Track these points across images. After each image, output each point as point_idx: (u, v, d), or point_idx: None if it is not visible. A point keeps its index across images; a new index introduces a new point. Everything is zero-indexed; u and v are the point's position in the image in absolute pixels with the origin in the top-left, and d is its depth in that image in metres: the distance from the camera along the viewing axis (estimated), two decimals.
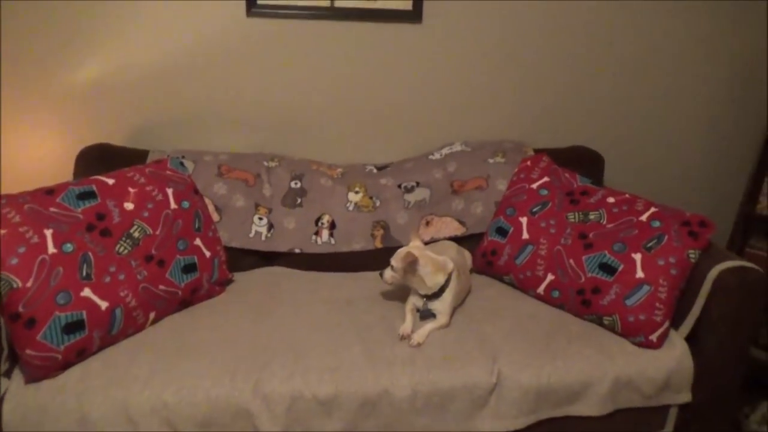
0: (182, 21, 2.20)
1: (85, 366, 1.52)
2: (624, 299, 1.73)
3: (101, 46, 2.19)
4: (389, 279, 1.78)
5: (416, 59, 2.38)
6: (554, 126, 2.55)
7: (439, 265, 1.78)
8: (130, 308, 1.62)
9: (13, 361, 1.52)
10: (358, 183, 2.20)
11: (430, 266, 1.76)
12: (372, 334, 1.71)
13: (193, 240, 1.86)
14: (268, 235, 2.10)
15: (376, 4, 2.29)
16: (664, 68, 2.52)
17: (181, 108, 2.32)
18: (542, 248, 1.95)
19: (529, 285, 1.96)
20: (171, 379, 1.49)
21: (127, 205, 1.74)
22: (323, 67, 2.34)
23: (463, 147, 2.35)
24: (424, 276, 1.75)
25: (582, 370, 1.61)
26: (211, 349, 1.60)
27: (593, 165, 2.36)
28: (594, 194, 2.02)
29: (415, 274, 1.74)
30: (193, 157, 2.13)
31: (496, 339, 1.69)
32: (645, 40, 2.46)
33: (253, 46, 2.28)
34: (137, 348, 1.60)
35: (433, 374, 1.57)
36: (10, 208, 1.53)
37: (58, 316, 1.47)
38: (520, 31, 2.39)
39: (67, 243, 1.56)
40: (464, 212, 2.19)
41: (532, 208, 2.04)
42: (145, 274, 1.69)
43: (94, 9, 2.14)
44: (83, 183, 1.72)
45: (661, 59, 2.50)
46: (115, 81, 2.24)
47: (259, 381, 1.51)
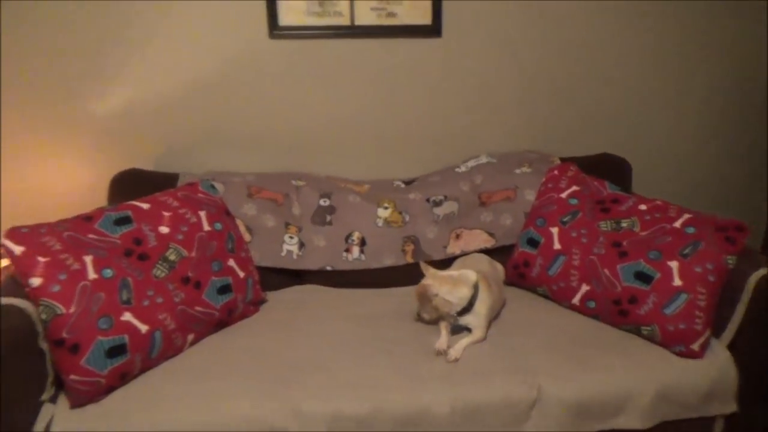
0: (206, 45, 2.24)
1: (128, 389, 1.54)
2: (662, 308, 1.71)
3: (127, 73, 2.24)
4: (426, 317, 1.81)
5: (437, 73, 2.39)
6: (578, 134, 2.54)
7: (457, 281, 1.77)
8: (169, 331, 1.64)
9: (58, 386, 1.54)
10: (386, 198, 2.21)
11: (448, 284, 1.76)
12: (407, 350, 1.70)
13: (226, 261, 1.88)
14: (300, 254, 2.11)
15: (395, 20, 2.31)
16: (690, 71, 2.50)
17: (206, 130, 2.35)
18: (575, 258, 1.93)
19: (563, 296, 1.94)
20: (212, 401, 1.50)
21: (162, 229, 1.77)
22: (346, 85, 2.36)
23: (488, 159, 2.35)
24: (444, 296, 1.75)
25: (623, 382, 1.59)
26: (249, 370, 1.61)
27: (621, 172, 2.34)
28: (625, 202, 2.00)
29: (436, 300, 1.74)
30: (222, 179, 2.15)
31: (533, 352, 1.68)
32: (669, 44, 2.45)
33: (275, 67, 2.31)
34: (177, 370, 1.62)
35: (472, 390, 1.56)
36: (50, 237, 1.56)
37: (101, 341, 1.50)
38: (539, 41, 2.39)
39: (107, 268, 1.58)
40: (493, 224, 2.18)
41: (563, 217, 2.03)
42: (182, 296, 1.71)
43: (118, 37, 2.19)
44: (119, 209, 1.75)
45: (686, 61, 2.49)
46: (141, 106, 2.29)
47: (297, 401, 1.52)
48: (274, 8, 2.22)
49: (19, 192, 2.29)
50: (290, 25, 2.26)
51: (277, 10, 2.23)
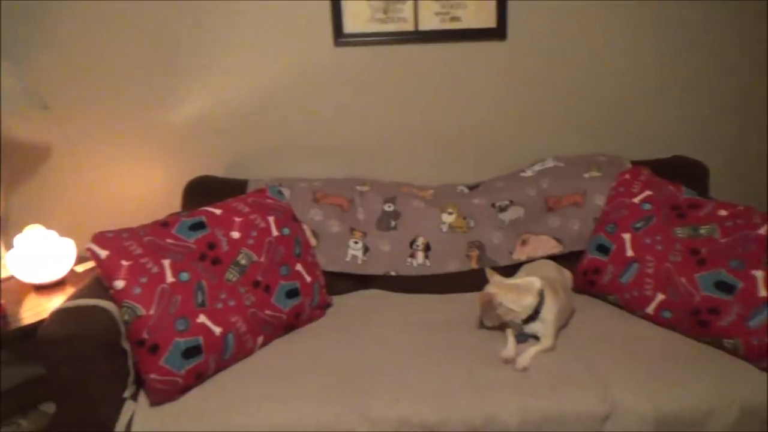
0: (273, 54, 2.30)
1: (203, 389, 1.60)
2: (746, 320, 1.62)
3: (199, 84, 2.32)
4: (487, 322, 1.80)
5: (502, 76, 2.36)
6: (649, 136, 2.45)
7: (521, 289, 1.75)
8: (241, 333, 1.69)
9: (139, 385, 1.61)
10: (451, 204, 2.20)
11: (512, 293, 1.73)
12: (474, 357, 1.68)
13: (294, 265, 1.92)
14: (364, 259, 2.13)
15: (460, 24, 2.29)
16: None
17: (273, 137, 2.41)
18: (649, 266, 1.86)
19: (636, 305, 1.87)
20: (281, 404, 1.53)
21: (234, 234, 1.82)
22: (409, 90, 2.37)
23: (555, 163, 2.29)
24: (508, 305, 1.73)
25: (704, 398, 1.51)
26: (317, 373, 1.64)
27: (697, 176, 2.23)
28: (703, 207, 1.91)
29: (500, 308, 1.73)
30: (289, 185, 2.20)
31: (606, 363, 1.63)
32: (746, 42, 2.32)
33: (340, 74, 2.34)
34: (248, 372, 1.66)
35: (542, 400, 1.52)
36: (132, 242, 1.64)
37: (178, 342, 1.56)
38: (606, 42, 2.32)
39: (184, 272, 1.65)
40: (561, 230, 2.13)
41: (635, 223, 1.95)
42: (252, 299, 1.76)
43: (191, 48, 2.27)
44: (194, 214, 1.82)
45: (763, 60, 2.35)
46: (212, 116, 2.37)
47: (365, 406, 1.53)
48: (339, 16, 2.26)
49: (101, 198, 2.42)
50: (355, 32, 2.28)
51: (342, 18, 2.26)
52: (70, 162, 2.36)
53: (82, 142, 2.35)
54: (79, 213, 2.41)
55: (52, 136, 2.33)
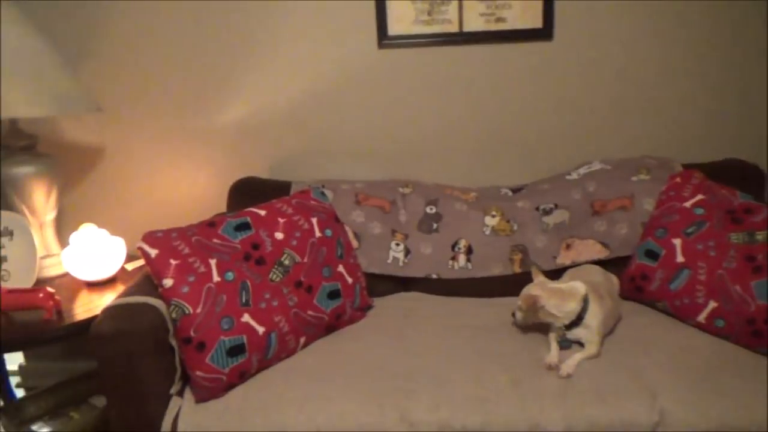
0: (317, 57, 2.33)
1: (246, 388, 1.62)
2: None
3: (245, 88, 2.37)
4: (521, 321, 1.79)
5: (549, 77, 2.32)
6: (701, 138, 2.36)
7: (565, 294, 1.71)
8: (284, 333, 1.71)
9: (185, 381, 1.65)
10: (494, 206, 2.17)
11: (555, 298, 1.70)
12: (516, 363, 1.66)
13: (336, 267, 1.93)
14: (405, 261, 2.13)
15: (505, 24, 2.27)
16: None
17: (317, 139, 2.43)
18: (701, 272, 1.79)
19: (686, 313, 1.81)
20: (323, 405, 1.54)
21: (278, 235, 1.85)
22: (454, 92, 2.36)
23: (602, 165, 2.24)
24: (550, 310, 1.70)
25: (757, 411, 1.45)
26: (357, 375, 1.64)
27: (752, 180, 2.14)
28: (760, 212, 1.83)
29: (541, 312, 1.71)
30: (331, 187, 2.22)
31: (654, 372, 1.57)
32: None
33: (385, 76, 2.34)
34: (290, 372, 1.68)
35: (588, 409, 1.48)
36: (180, 241, 1.68)
37: (223, 340, 1.59)
38: (656, 41, 2.26)
39: (229, 272, 1.68)
40: (607, 234, 2.08)
41: (687, 228, 1.89)
42: (295, 300, 1.78)
43: (234, 56, 2.33)
44: (239, 215, 1.85)
45: None
46: (257, 118, 2.41)
47: (406, 409, 1.52)
48: (384, 18, 2.26)
49: (150, 198, 2.49)
50: (399, 34, 2.29)
51: (387, 20, 2.27)
52: (120, 163, 2.44)
53: (132, 144, 2.42)
54: (129, 212, 2.49)
55: (105, 137, 2.42)
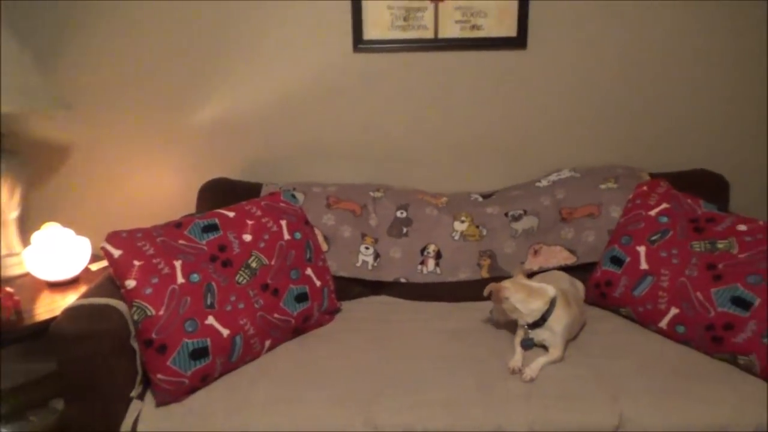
0: (292, 60, 2.32)
1: (209, 391, 1.60)
2: (762, 337, 1.58)
3: (218, 89, 2.35)
4: (495, 316, 1.87)
5: (521, 86, 2.35)
6: (670, 148, 2.41)
7: (533, 292, 1.74)
8: (249, 336, 1.70)
9: (146, 385, 1.63)
10: (464, 212, 2.19)
11: (522, 293, 1.73)
12: (483, 367, 1.67)
13: (304, 270, 1.92)
14: (375, 265, 2.13)
15: (480, 32, 2.29)
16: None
17: (290, 142, 2.42)
18: (664, 279, 1.83)
19: (649, 319, 1.84)
20: (287, 407, 1.53)
21: (246, 237, 1.83)
22: (428, 98, 2.37)
23: (571, 173, 2.27)
24: (515, 303, 1.73)
25: (716, 415, 1.47)
26: (323, 378, 1.63)
27: (717, 190, 2.19)
28: (722, 221, 1.87)
29: (506, 303, 1.75)
30: (302, 189, 2.21)
31: (616, 377, 1.60)
32: None
33: (359, 81, 2.35)
34: (255, 375, 1.66)
35: (551, 412, 1.50)
36: (145, 241, 1.66)
37: (186, 343, 1.57)
38: (627, 52, 2.29)
39: (194, 273, 1.66)
40: (575, 241, 2.11)
41: (651, 236, 1.92)
42: (261, 303, 1.76)
43: (209, 56, 2.31)
44: (207, 216, 1.84)
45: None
46: (230, 120, 2.39)
47: (370, 413, 1.52)
48: (359, 23, 2.27)
49: (118, 197, 2.45)
50: (375, 38, 2.29)
51: (363, 24, 2.27)
52: (89, 161, 2.41)
53: (101, 142, 2.39)
54: (97, 212, 2.46)
55: (74, 135, 2.38)
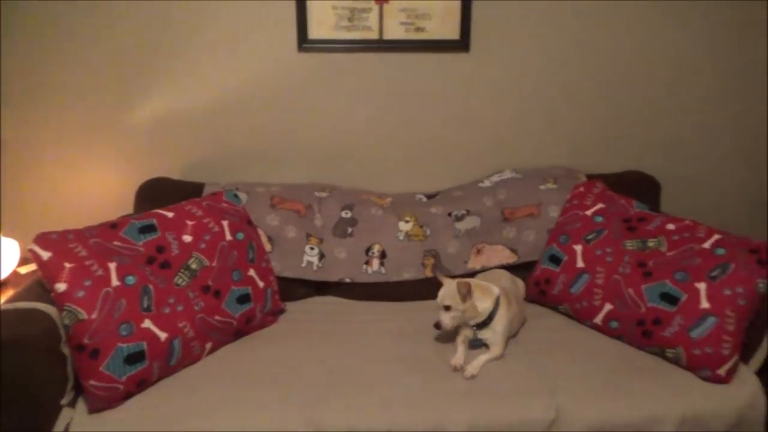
0: (236, 59, 2.28)
1: (145, 396, 1.56)
2: (688, 331, 1.66)
3: (159, 86, 2.29)
4: (449, 322, 1.71)
5: (465, 88, 2.39)
6: (605, 150, 2.50)
7: (485, 290, 1.76)
8: (188, 339, 1.66)
9: (77, 391, 1.56)
10: (408, 212, 2.20)
11: (478, 292, 1.75)
12: (426, 365, 1.69)
13: (247, 271, 1.89)
14: (320, 265, 2.12)
15: (424, 34, 2.31)
16: (721, 89, 2.44)
17: (234, 141, 2.39)
18: (599, 277, 1.89)
19: (585, 315, 1.90)
20: (228, 411, 1.51)
21: (186, 238, 1.79)
22: (372, 98, 2.37)
23: (513, 174, 2.32)
24: (476, 302, 1.73)
25: (646, 406, 1.54)
26: (265, 380, 1.61)
27: (649, 190, 2.29)
28: (652, 221, 1.95)
29: (469, 301, 1.71)
30: (246, 189, 2.18)
31: (553, 372, 1.65)
32: (700, 62, 2.40)
33: (303, 80, 2.33)
34: (194, 379, 1.63)
35: (490, 409, 1.53)
36: (77, 243, 1.60)
37: (121, 347, 1.52)
38: (568, 57, 2.37)
39: (130, 276, 1.61)
40: (516, 240, 2.16)
41: (587, 235, 1.99)
42: (202, 305, 1.73)
43: (151, 52, 2.24)
44: (144, 217, 1.78)
45: (718, 80, 2.43)
46: (172, 118, 2.33)
47: (313, 413, 1.51)
48: (304, 22, 2.25)
49: (50, 197, 2.35)
50: (319, 38, 2.28)
51: (307, 24, 2.25)
52: (21, 159, 2.30)
53: (35, 140, 2.29)
54: (28, 213, 2.35)
55: (4, 132, 2.26)
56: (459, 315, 1.71)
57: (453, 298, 1.70)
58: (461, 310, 1.70)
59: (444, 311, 1.71)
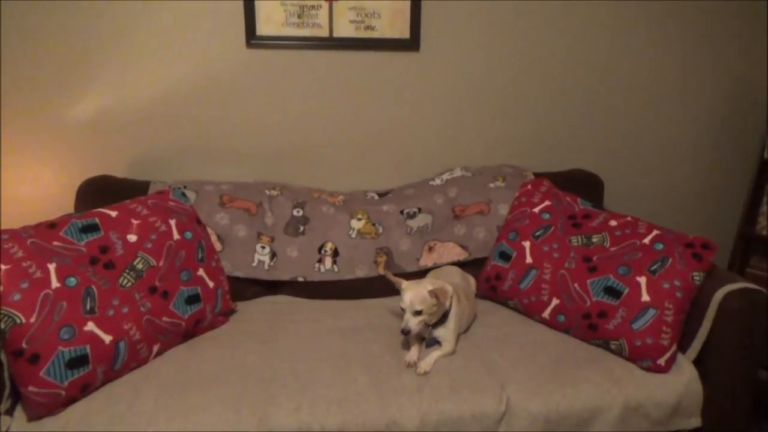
0: (182, 53, 2.23)
1: (89, 402, 1.50)
2: (630, 323, 1.73)
3: (100, 80, 2.21)
4: (417, 327, 1.68)
5: (414, 87, 2.41)
6: (552, 149, 2.57)
7: (445, 291, 1.77)
8: (134, 341, 1.61)
9: (15, 398, 1.49)
10: (360, 210, 2.21)
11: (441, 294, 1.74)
12: (378, 363, 1.69)
13: (196, 271, 1.85)
14: (271, 264, 2.09)
15: (374, 33, 2.32)
16: (661, 90, 2.55)
17: (181, 139, 2.33)
18: (546, 272, 1.95)
19: (534, 310, 1.95)
20: (176, 415, 1.47)
21: (131, 237, 1.73)
22: (322, 96, 2.36)
23: (463, 172, 2.36)
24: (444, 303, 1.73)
25: (591, 396, 1.60)
26: (215, 382, 1.58)
27: (593, 188, 2.37)
28: (596, 217, 2.02)
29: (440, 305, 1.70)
30: (194, 188, 2.13)
31: (503, 366, 1.68)
32: (641, 64, 2.50)
33: (252, 77, 2.30)
34: (141, 382, 1.58)
35: (441, 403, 1.55)
36: (12, 243, 1.52)
37: (62, 351, 1.46)
38: (515, 57, 2.42)
39: (71, 277, 1.55)
40: (466, 237, 2.19)
41: (535, 232, 2.04)
42: (148, 306, 1.67)
43: (92, 43, 2.16)
44: (86, 216, 1.72)
45: (658, 81, 2.54)
46: (115, 113, 2.25)
47: (265, 414, 1.49)
48: (252, 17, 2.22)
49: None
50: (268, 35, 2.25)
51: (255, 20, 2.22)
52: None
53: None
54: None
55: None
56: (426, 318, 1.70)
57: (424, 302, 1.67)
58: (429, 314, 1.70)
59: (413, 316, 1.67)
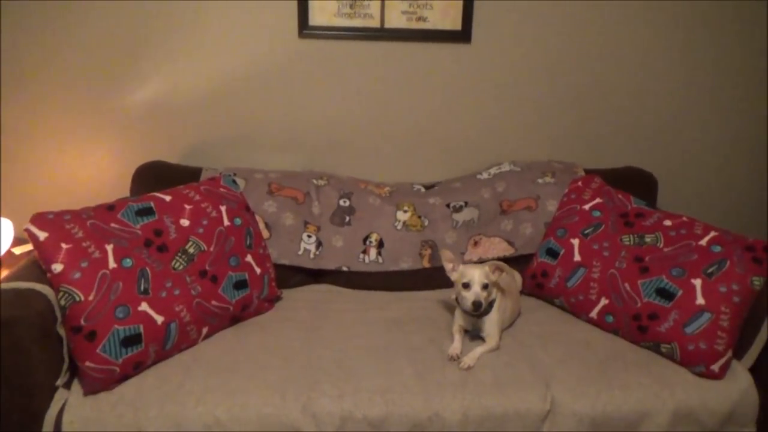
0: (236, 43, 2.26)
1: (141, 379, 1.55)
2: (683, 326, 1.67)
3: (158, 70, 2.27)
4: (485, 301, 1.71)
5: (465, 79, 2.38)
6: (605, 146, 2.50)
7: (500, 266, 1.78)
8: (185, 323, 1.65)
9: (72, 373, 1.56)
10: (407, 202, 2.20)
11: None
12: (421, 355, 1.69)
13: (244, 257, 1.89)
14: (317, 253, 2.11)
15: (425, 24, 2.30)
16: (719, 87, 2.45)
17: (232, 127, 2.37)
18: (595, 271, 1.90)
19: (581, 309, 1.91)
20: (223, 396, 1.51)
21: (183, 222, 1.78)
22: (373, 87, 2.36)
23: (511, 167, 2.32)
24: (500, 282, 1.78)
25: (639, 399, 1.56)
26: (261, 367, 1.61)
27: (646, 186, 2.30)
28: (650, 217, 1.96)
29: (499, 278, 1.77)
30: (244, 175, 2.16)
31: (548, 364, 1.66)
32: (697, 60, 2.40)
33: (304, 67, 2.32)
34: (190, 363, 1.62)
35: (485, 399, 1.54)
36: (74, 224, 1.58)
37: (117, 330, 1.51)
38: (570, 51, 2.36)
39: (127, 258, 1.60)
40: (513, 233, 2.16)
41: (584, 229, 2.00)
42: (199, 289, 1.72)
43: (150, 34, 2.22)
44: (142, 200, 1.77)
45: (716, 79, 2.44)
46: (170, 102, 2.31)
47: (309, 400, 1.51)
48: (305, 8, 2.23)
49: (47, 178, 2.33)
50: (320, 25, 2.26)
51: (308, 10, 2.24)
52: (18, 137, 2.28)
53: (34, 117, 2.26)
54: (24, 192, 2.32)
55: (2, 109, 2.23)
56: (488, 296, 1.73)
57: (489, 277, 1.72)
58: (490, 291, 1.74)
59: (482, 290, 1.70)
